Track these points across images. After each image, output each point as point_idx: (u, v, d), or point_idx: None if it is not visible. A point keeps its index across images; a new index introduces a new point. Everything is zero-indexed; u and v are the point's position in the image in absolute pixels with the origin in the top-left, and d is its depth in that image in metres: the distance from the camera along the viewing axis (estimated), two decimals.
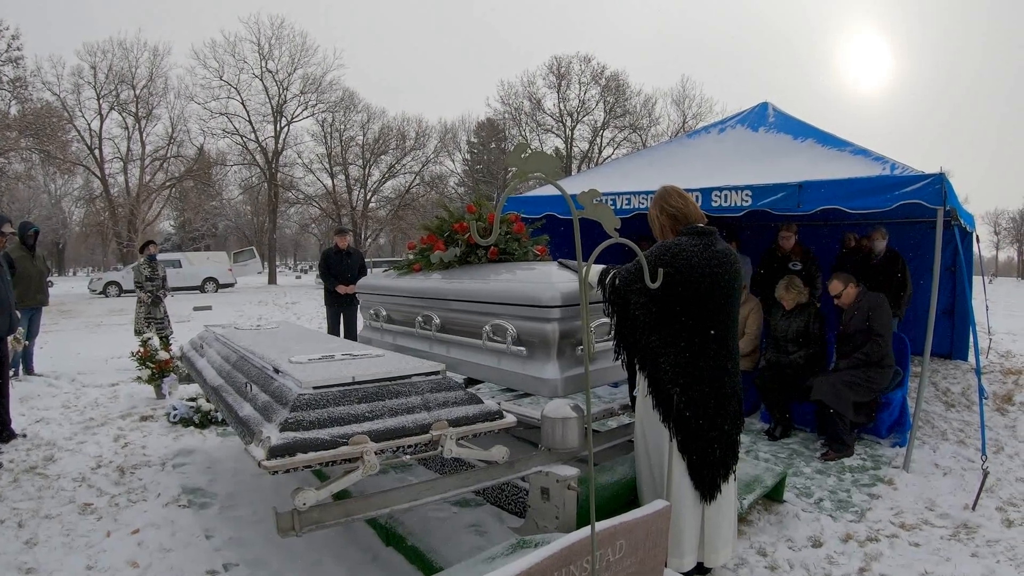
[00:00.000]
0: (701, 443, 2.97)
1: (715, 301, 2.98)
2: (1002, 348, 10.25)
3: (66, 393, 7.66)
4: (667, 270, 2.86)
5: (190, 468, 4.94)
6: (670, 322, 2.96)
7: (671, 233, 3.21)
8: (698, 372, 2.95)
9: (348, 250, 8.98)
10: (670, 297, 2.93)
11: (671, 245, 3.03)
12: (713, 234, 3.11)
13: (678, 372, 2.94)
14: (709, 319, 2.97)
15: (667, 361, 2.96)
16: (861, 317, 5.34)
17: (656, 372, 3.00)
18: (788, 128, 7.19)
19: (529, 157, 1.66)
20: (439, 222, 4.54)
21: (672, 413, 2.96)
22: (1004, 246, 72.26)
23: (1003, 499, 4.31)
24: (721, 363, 3.02)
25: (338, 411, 2.52)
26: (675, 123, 47.27)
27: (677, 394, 2.94)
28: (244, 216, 54.53)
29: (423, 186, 47.18)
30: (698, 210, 3.23)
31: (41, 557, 3.54)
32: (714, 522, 3.07)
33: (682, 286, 2.91)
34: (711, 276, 2.95)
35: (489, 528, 3.54)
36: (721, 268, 3.00)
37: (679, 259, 2.94)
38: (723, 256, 3.04)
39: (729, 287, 3.04)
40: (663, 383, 2.98)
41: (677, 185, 3.39)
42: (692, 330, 2.95)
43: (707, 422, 2.96)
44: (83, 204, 47.60)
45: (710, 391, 2.97)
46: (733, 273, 3.07)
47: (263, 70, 41.46)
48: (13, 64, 30.44)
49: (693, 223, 3.15)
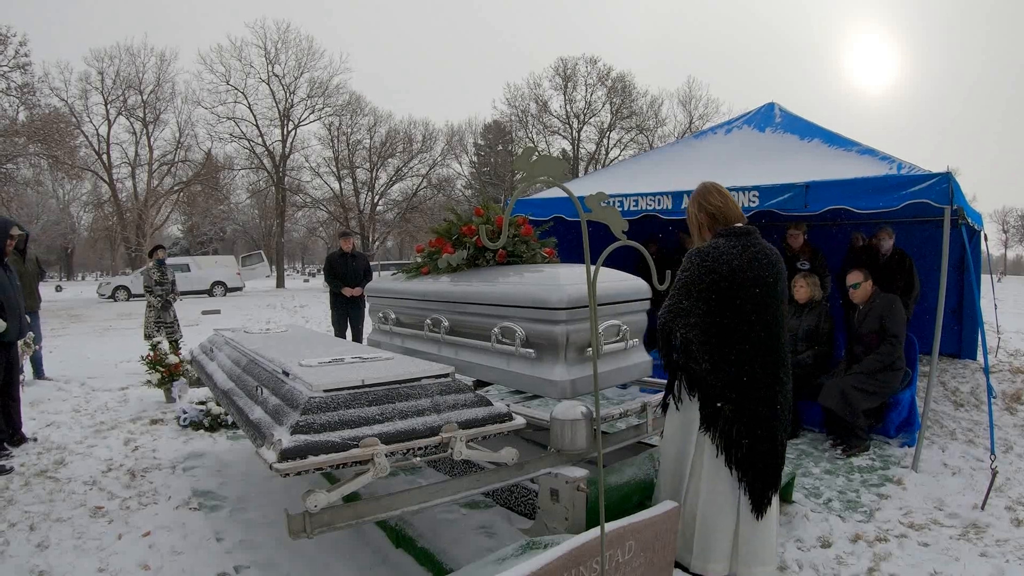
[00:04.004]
0: (754, 457, 2.86)
1: (761, 305, 2.86)
2: (1011, 347, 10.21)
3: (76, 397, 7.70)
4: (710, 277, 2.80)
5: (200, 471, 4.97)
6: (718, 335, 2.85)
7: (708, 232, 3.08)
8: (749, 384, 2.84)
9: (353, 253, 9.03)
10: (715, 307, 2.83)
11: (708, 250, 2.91)
12: (752, 233, 2.98)
13: (728, 386, 2.84)
14: (757, 325, 2.85)
15: (717, 377, 2.86)
16: (874, 317, 5.31)
17: (705, 388, 2.91)
18: (795, 128, 7.19)
19: (536, 161, 1.67)
20: (447, 225, 4.55)
21: (722, 429, 2.86)
22: (1012, 244, 71.83)
23: (1012, 498, 4.29)
24: (772, 371, 2.90)
25: (349, 414, 2.53)
26: (681, 124, 47.35)
27: (729, 409, 2.84)
28: (252, 220, 54.67)
29: (430, 189, 47.23)
30: (738, 209, 3.10)
31: (53, 560, 3.57)
32: (758, 536, 2.95)
33: (726, 292, 2.81)
34: (755, 279, 2.84)
35: (498, 529, 3.57)
36: (764, 269, 2.89)
37: (720, 264, 2.83)
38: (765, 256, 2.92)
39: (774, 288, 2.91)
40: (711, 398, 2.88)
41: (717, 183, 3.20)
42: (740, 339, 2.83)
43: (761, 435, 2.86)
44: (91, 209, 47.90)
45: (763, 403, 2.86)
46: (777, 273, 2.95)
47: (270, 74, 41.71)
48: (21, 70, 30.55)
49: (732, 223, 3.02)
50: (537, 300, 3.44)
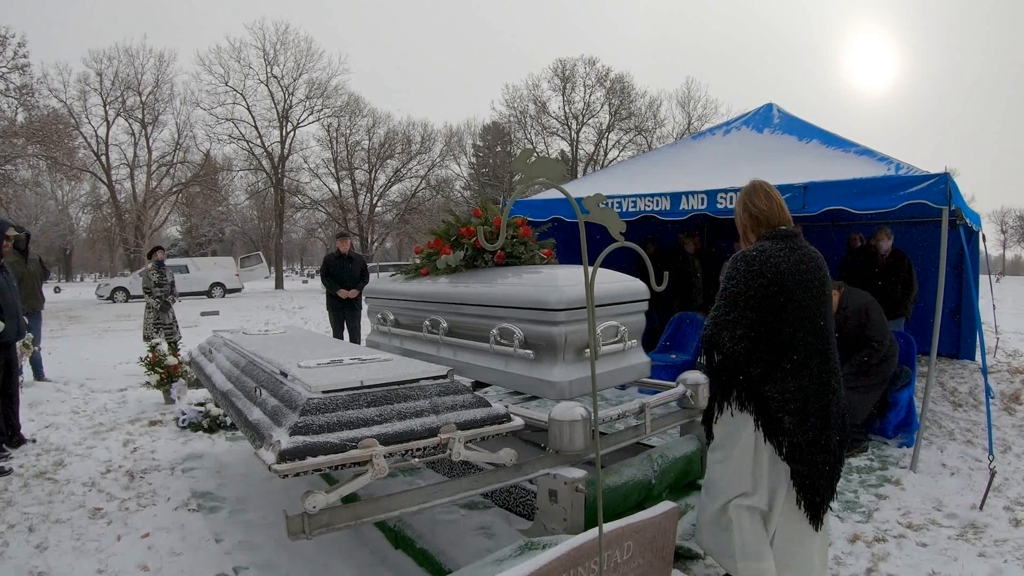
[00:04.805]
0: (811, 469, 2.76)
1: (809, 310, 2.77)
2: (1009, 347, 10.21)
3: (75, 398, 7.70)
4: (757, 282, 2.73)
5: (199, 472, 4.97)
6: (768, 342, 2.75)
7: (752, 235, 3.00)
8: (804, 393, 2.74)
9: (349, 254, 9.00)
10: (765, 315, 2.75)
11: (754, 255, 2.81)
12: (796, 236, 2.90)
13: (787, 398, 2.73)
14: (806, 331, 2.76)
15: (773, 388, 2.75)
16: (855, 321, 5.27)
17: (763, 403, 2.78)
18: (793, 129, 7.20)
19: (535, 162, 1.68)
20: (446, 226, 4.56)
21: (786, 443, 2.75)
22: (1011, 245, 71.88)
23: (1011, 499, 4.30)
24: (825, 379, 2.80)
25: (347, 415, 2.54)
26: (680, 125, 47.34)
27: (789, 422, 2.73)
28: (251, 221, 54.67)
29: (429, 190, 47.24)
30: (784, 212, 2.97)
31: (52, 561, 3.57)
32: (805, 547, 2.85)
33: (775, 297, 2.73)
34: (802, 283, 2.76)
35: (497, 530, 3.56)
36: (810, 273, 2.80)
37: (767, 267, 2.75)
38: (811, 259, 2.84)
39: (820, 292, 2.83)
40: (772, 412, 2.76)
41: (765, 182, 3.07)
42: (792, 346, 2.74)
43: (817, 446, 2.75)
44: (90, 210, 47.88)
45: (818, 413, 2.76)
46: (823, 277, 2.87)
47: (268, 75, 41.66)
48: (19, 71, 30.53)
49: (777, 226, 2.93)
50: (535, 301, 3.45)
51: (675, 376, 4.39)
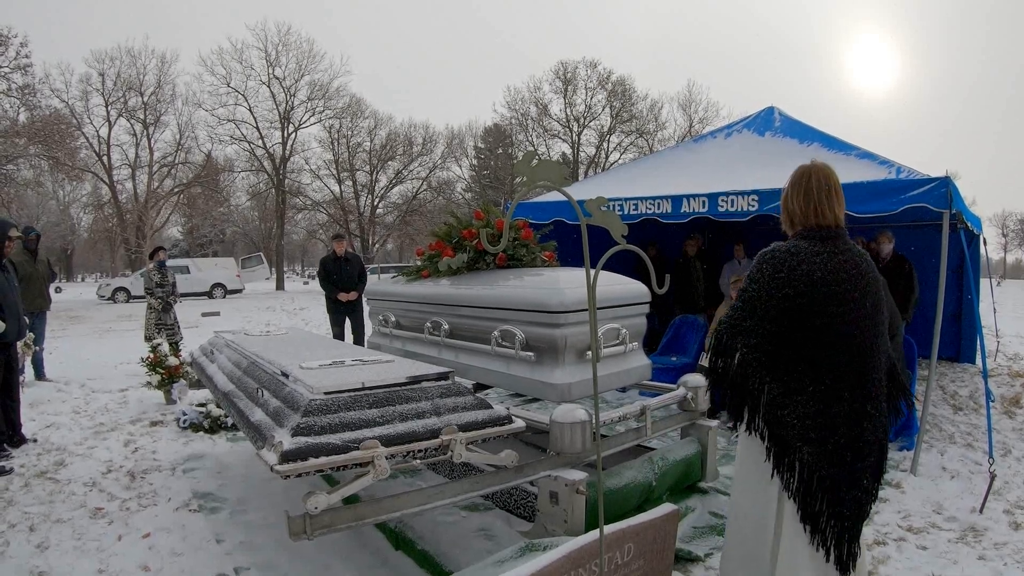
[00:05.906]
0: (837, 508, 2.38)
1: (846, 325, 2.37)
2: (1010, 351, 10.21)
3: (76, 399, 7.71)
4: (782, 292, 2.37)
5: (200, 473, 4.97)
6: (792, 361, 2.37)
7: (791, 229, 2.61)
8: (831, 421, 2.36)
9: (346, 256, 9.00)
10: (785, 327, 2.38)
11: (784, 257, 2.43)
12: (839, 237, 2.47)
13: (807, 425, 2.35)
14: (837, 349, 2.36)
15: (792, 413, 2.37)
16: None
17: (779, 428, 2.39)
18: (794, 132, 7.21)
19: (536, 165, 1.69)
20: (447, 228, 4.57)
21: (799, 480, 2.38)
22: (1012, 248, 71.92)
23: (1011, 502, 4.30)
24: (859, 406, 2.38)
25: (349, 416, 2.55)
26: (681, 127, 47.29)
27: (808, 453, 2.36)
28: (252, 222, 54.67)
29: (430, 192, 47.19)
30: (825, 211, 2.52)
31: (53, 561, 3.58)
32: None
33: (801, 311, 2.35)
34: (839, 295, 2.36)
35: (498, 532, 3.57)
36: (850, 282, 2.39)
37: (796, 275, 2.37)
38: (854, 265, 2.43)
39: (861, 304, 2.40)
40: (789, 440, 2.38)
41: (820, 170, 2.70)
42: (821, 367, 2.36)
43: (844, 481, 2.38)
44: (91, 210, 47.83)
45: (847, 443, 2.37)
46: (865, 285, 2.43)
47: (270, 77, 41.67)
48: (22, 71, 30.56)
49: (818, 226, 2.51)
50: (537, 303, 3.46)
51: (676, 379, 4.40)
